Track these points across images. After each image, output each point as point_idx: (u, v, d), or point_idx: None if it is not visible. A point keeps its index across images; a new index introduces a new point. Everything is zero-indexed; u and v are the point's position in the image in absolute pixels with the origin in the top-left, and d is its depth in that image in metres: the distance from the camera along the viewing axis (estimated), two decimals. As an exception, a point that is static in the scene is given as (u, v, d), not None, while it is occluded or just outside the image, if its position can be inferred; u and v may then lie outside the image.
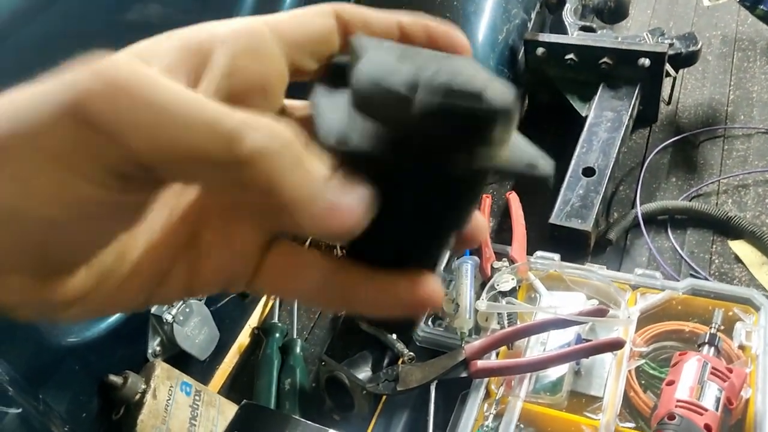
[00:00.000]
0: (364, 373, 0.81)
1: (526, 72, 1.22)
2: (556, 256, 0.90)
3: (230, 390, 0.91)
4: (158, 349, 0.78)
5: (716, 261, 0.94)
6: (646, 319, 0.80)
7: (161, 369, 0.75)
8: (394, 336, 0.86)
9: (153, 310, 0.77)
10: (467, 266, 0.88)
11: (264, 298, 1.04)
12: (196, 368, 0.85)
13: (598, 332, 0.80)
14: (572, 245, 0.96)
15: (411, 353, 0.83)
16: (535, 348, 0.79)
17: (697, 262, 0.94)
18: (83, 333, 0.68)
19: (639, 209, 1.00)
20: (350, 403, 0.79)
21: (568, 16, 1.30)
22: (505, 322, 0.82)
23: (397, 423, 0.77)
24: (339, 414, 0.81)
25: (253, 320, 1.02)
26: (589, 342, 0.76)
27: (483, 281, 0.88)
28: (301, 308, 1.02)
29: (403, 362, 0.82)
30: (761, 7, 1.16)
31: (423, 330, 0.84)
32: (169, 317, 0.77)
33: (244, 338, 0.99)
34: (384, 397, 0.79)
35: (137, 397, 0.71)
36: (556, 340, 0.80)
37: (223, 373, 0.93)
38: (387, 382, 0.76)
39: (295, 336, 0.95)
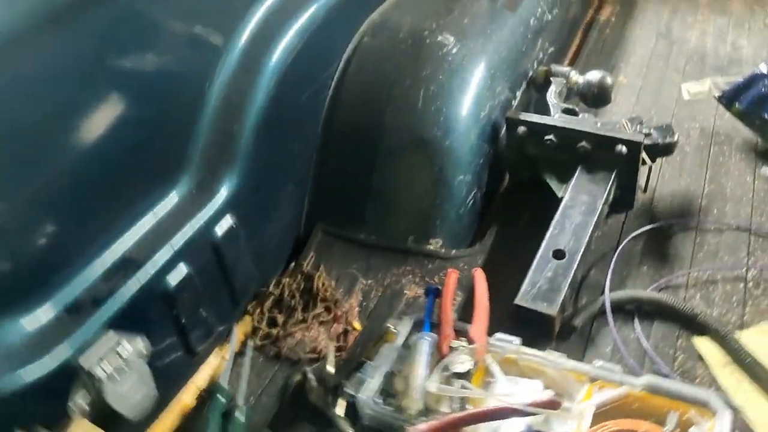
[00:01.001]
0: (302, 450, 0.77)
1: (506, 149, 1.23)
2: (517, 339, 0.87)
3: (163, 454, 0.86)
4: (82, 404, 0.73)
5: (680, 357, 0.91)
6: (602, 414, 0.76)
7: (77, 426, 0.70)
8: (341, 411, 0.82)
9: (84, 362, 0.72)
10: (423, 343, 0.85)
11: (213, 356, 1.00)
12: (125, 428, 0.80)
13: (551, 423, 0.76)
14: (537, 329, 0.93)
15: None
16: (484, 437, 0.75)
17: (662, 356, 0.91)
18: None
19: (607, 297, 0.97)
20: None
21: (552, 97, 1.31)
22: (457, 405, 0.78)
23: None
24: (273, 492, 0.76)
25: (201, 379, 0.97)
26: (541, 434, 0.73)
27: (439, 360, 0.85)
28: (253, 371, 0.98)
29: (344, 441, 0.77)
30: (737, 105, 1.18)
31: (370, 407, 0.80)
32: (102, 373, 0.73)
33: (188, 397, 0.94)
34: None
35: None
36: (508, 429, 0.77)
37: (159, 434, 0.88)
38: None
39: (241, 402, 0.90)
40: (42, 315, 0.74)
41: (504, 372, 0.82)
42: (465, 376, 0.80)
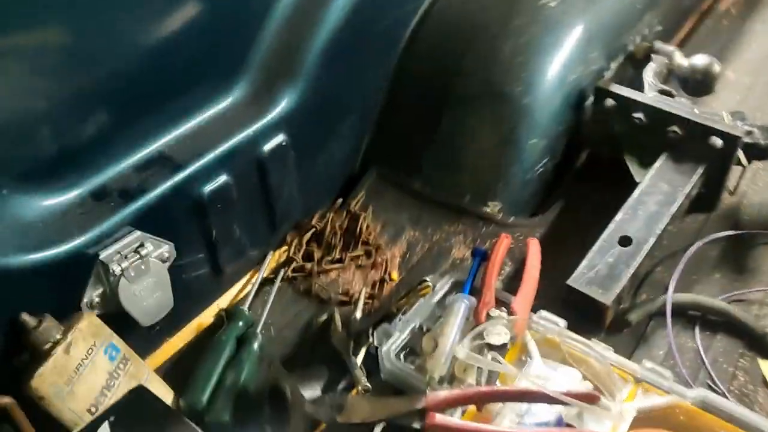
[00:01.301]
0: (311, 391, 0.72)
1: (590, 121, 1.12)
2: (562, 322, 0.79)
3: (172, 369, 0.83)
4: (96, 300, 0.70)
5: (740, 377, 0.81)
6: (643, 420, 0.68)
7: (88, 323, 0.67)
8: (359, 360, 0.77)
9: (102, 255, 0.69)
10: (460, 305, 0.78)
11: (243, 279, 0.96)
12: (139, 334, 0.77)
13: (585, 420, 0.68)
14: (586, 315, 0.85)
15: (368, 384, 0.73)
16: (507, 417, 0.68)
17: (719, 372, 0.81)
18: (1, 257, 0.60)
19: (670, 297, 0.88)
20: (287, 421, 0.70)
21: (650, 75, 1.19)
22: (484, 379, 0.72)
23: (327, 457, 0.67)
24: (273, 428, 0.72)
25: (224, 301, 0.94)
26: (572, 428, 0.65)
27: (474, 327, 0.78)
28: (279, 302, 0.93)
29: (356, 392, 0.72)
30: None
31: (391, 362, 0.74)
32: (117, 268, 0.70)
33: (208, 318, 0.91)
34: (323, 426, 0.69)
35: (47, 346, 0.63)
36: (535, 415, 0.70)
37: (171, 349, 0.85)
38: (329, 409, 0.66)
39: (259, 330, 0.86)
40: (67, 198, 0.70)
41: (542, 354, 0.75)
42: (499, 349, 0.73)
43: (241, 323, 0.85)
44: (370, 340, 0.78)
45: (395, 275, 0.97)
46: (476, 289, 0.83)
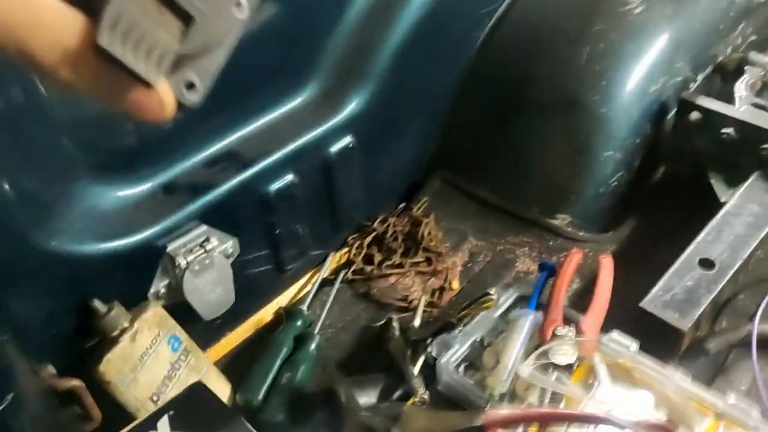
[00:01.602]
0: (366, 398, 0.70)
1: (671, 135, 1.06)
2: (634, 345, 0.74)
3: (230, 364, 0.83)
4: (162, 292, 0.71)
5: (836, 421, 0.74)
6: (722, 460, 0.63)
7: (153, 313, 0.68)
8: (417, 370, 0.75)
9: (169, 248, 0.70)
10: (525, 320, 0.75)
11: (304, 279, 0.96)
12: (200, 327, 0.78)
13: (656, 453, 0.64)
14: (659, 341, 0.80)
15: (425, 396, 0.71)
16: (570, 443, 0.64)
17: (810, 413, 0.75)
18: (77, 244, 0.62)
19: (756, 327, 0.81)
20: (340, 427, 0.68)
21: (742, 88, 1.12)
22: (546, 399, 0.68)
23: (380, 469, 0.65)
24: (326, 432, 0.70)
25: (284, 299, 0.94)
26: (640, 461, 0.61)
27: (538, 344, 0.75)
28: (337, 304, 0.93)
29: (413, 402, 0.70)
30: None
31: (450, 374, 0.72)
32: (183, 261, 0.70)
33: (267, 315, 0.91)
34: (378, 434, 0.68)
35: (115, 333, 0.64)
36: (601, 443, 0.65)
37: (230, 343, 0.86)
38: (384, 419, 0.64)
39: (316, 331, 0.85)
40: (140, 191, 0.72)
41: (611, 378, 0.71)
42: (565, 369, 0.69)
43: (299, 323, 0.84)
44: (429, 349, 0.76)
45: (456, 284, 0.95)
46: (542, 305, 0.79)
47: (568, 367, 0.70)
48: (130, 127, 0.70)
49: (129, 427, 0.48)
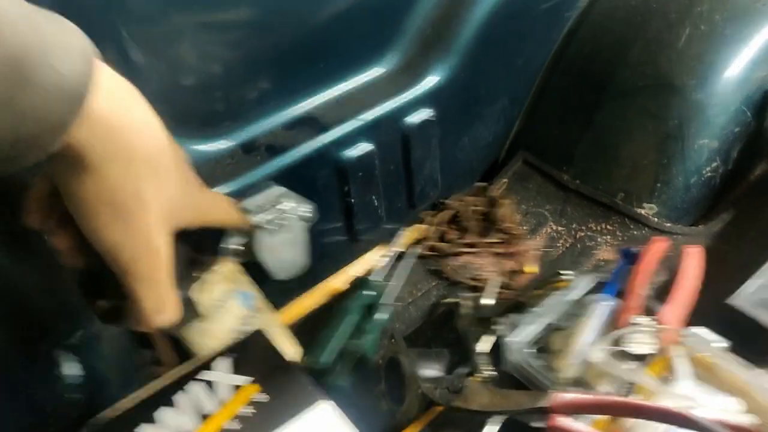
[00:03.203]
0: (430, 371, 0.69)
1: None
2: (722, 343, 0.70)
3: (300, 328, 0.84)
4: (235, 249, 0.72)
5: None
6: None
7: (226, 268, 0.70)
8: (483, 348, 0.73)
9: (245, 205, 0.71)
10: (601, 306, 0.72)
11: (377, 251, 0.95)
12: (272, 289, 0.79)
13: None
14: (748, 342, 0.74)
15: (491, 372, 0.69)
16: (642, 435, 0.61)
17: None
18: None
19: None
20: (402, 397, 0.68)
21: None
22: (619, 389, 0.65)
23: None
24: (388, 403, 0.70)
25: (357, 270, 0.94)
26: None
27: (613, 332, 0.71)
28: (409, 279, 0.92)
29: (477, 378, 0.68)
30: None
31: (518, 355, 0.70)
32: (259, 221, 0.71)
33: (339, 283, 0.91)
34: (440, 408, 0.67)
35: (189, 283, 0.66)
36: (676, 440, 0.62)
37: (301, 308, 0.87)
38: (446, 391, 0.63)
39: (386, 302, 0.85)
40: (220, 147, 0.73)
41: (692, 374, 0.66)
42: (640, 360, 0.66)
43: (370, 293, 0.84)
44: (497, 329, 0.74)
45: (530, 268, 0.92)
46: (620, 293, 0.76)
47: (644, 358, 0.66)
48: (219, 87, 0.71)
49: (189, 364, 0.49)
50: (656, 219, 0.96)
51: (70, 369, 0.56)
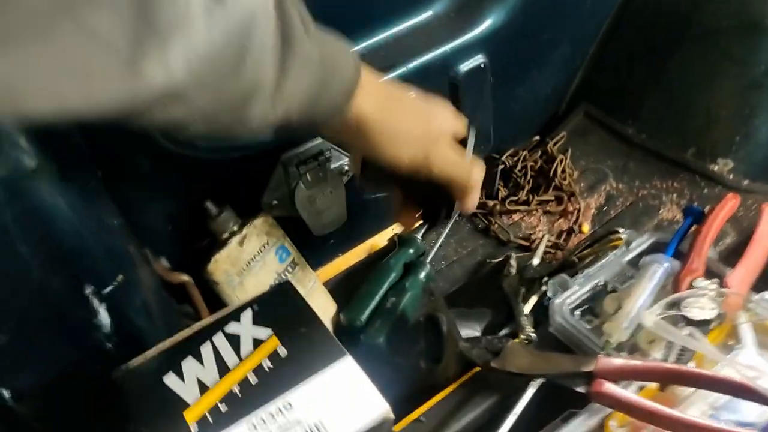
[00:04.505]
0: (470, 331, 0.67)
1: None
2: (795, 311, 0.63)
3: (338, 285, 0.83)
4: (274, 202, 0.71)
5: None
6: None
7: (263, 221, 0.69)
8: (527, 309, 0.69)
9: (283, 157, 0.69)
10: (659, 267, 0.66)
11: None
12: (311, 244, 0.77)
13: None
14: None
15: (532, 334, 0.65)
16: (697, 406, 0.56)
17: None
18: (191, 145, 0.62)
19: None
20: (439, 356, 0.66)
21: None
22: (673, 356, 0.60)
23: (474, 405, 0.62)
24: (425, 362, 0.68)
25: (399, 227, 0.91)
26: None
27: (672, 296, 0.66)
28: (454, 236, 0.89)
29: (519, 340, 0.65)
30: None
31: (563, 316, 0.66)
32: (297, 172, 0.69)
33: (381, 241, 0.89)
34: (477, 369, 0.64)
35: (224, 235, 0.66)
36: (736, 413, 0.57)
37: (341, 265, 0.85)
38: (484, 351, 0.60)
39: (428, 260, 0.82)
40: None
41: (759, 344, 0.61)
42: (699, 325, 0.61)
43: (411, 250, 0.81)
44: (544, 289, 0.70)
45: (586, 227, 0.87)
46: (681, 255, 0.70)
47: (704, 324, 0.61)
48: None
49: (214, 316, 0.49)
50: (732, 176, 0.88)
51: (108, 317, 0.56)
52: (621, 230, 0.73)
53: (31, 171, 0.46)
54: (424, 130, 0.54)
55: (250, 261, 0.67)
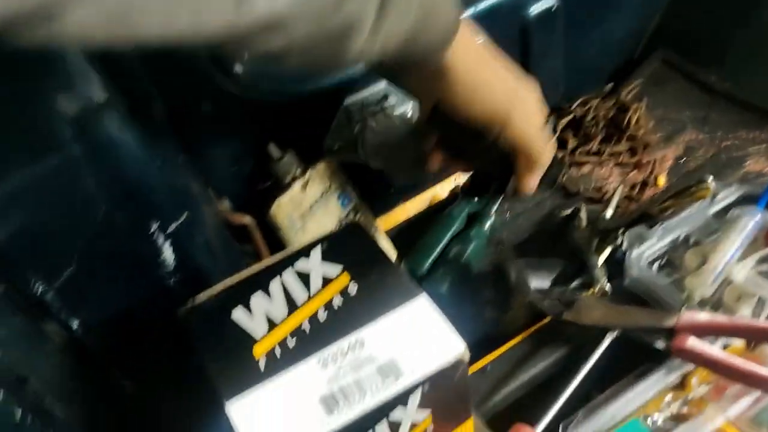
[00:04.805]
0: (539, 282, 0.64)
1: None
2: None
3: (400, 234, 0.81)
4: (337, 147, 0.69)
5: None
6: None
7: (326, 166, 0.67)
8: (601, 260, 0.66)
9: (347, 101, 0.67)
10: (749, 219, 0.61)
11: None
12: (374, 192, 0.75)
13: None
14: None
15: (606, 288, 0.62)
16: (789, 367, 0.52)
17: None
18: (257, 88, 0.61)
19: None
20: (507, 306, 0.63)
21: None
22: (764, 314, 0.56)
23: (542, 356, 0.59)
24: (491, 312, 0.66)
25: (462, 179, 0.88)
26: None
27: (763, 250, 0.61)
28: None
29: (592, 293, 0.61)
30: None
31: (640, 269, 0.62)
32: (360, 116, 0.67)
33: (443, 191, 0.86)
34: (547, 319, 0.61)
35: (287, 179, 0.64)
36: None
37: (403, 215, 0.83)
38: (556, 302, 0.57)
39: (493, 210, 0.79)
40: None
41: None
42: (794, 282, 0.56)
43: (475, 200, 0.78)
44: (619, 241, 0.66)
45: (662, 180, 0.82)
46: (772, 205, 0.65)
47: (800, 280, 0.56)
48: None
49: (283, 252, 0.47)
50: (827, 127, 0.81)
51: (172, 253, 0.56)
52: (708, 180, 0.68)
53: (100, 104, 0.45)
54: (512, 88, 0.54)
55: (312, 205, 0.66)
